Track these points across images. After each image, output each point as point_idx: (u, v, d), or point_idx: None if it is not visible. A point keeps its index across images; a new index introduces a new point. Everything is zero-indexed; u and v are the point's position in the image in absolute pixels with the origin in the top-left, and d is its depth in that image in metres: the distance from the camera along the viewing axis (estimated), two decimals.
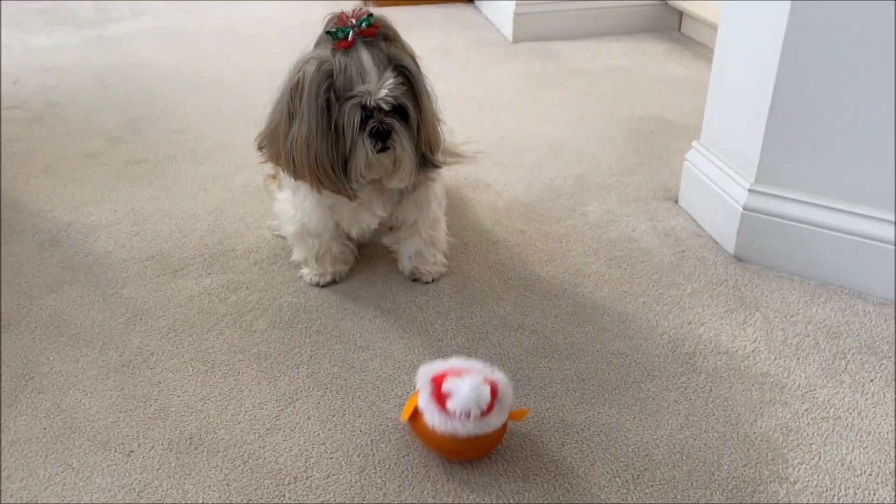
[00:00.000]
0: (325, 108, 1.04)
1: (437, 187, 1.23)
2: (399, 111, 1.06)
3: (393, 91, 1.04)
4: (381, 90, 1.03)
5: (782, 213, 1.23)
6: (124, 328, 1.17)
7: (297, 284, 1.27)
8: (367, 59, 1.03)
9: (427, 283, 1.26)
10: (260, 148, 1.16)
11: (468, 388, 0.87)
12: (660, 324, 1.16)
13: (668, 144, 1.71)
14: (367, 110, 1.04)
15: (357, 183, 1.09)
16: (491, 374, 0.91)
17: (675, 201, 1.48)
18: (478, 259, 1.32)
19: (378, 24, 1.06)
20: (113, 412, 1.02)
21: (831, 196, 1.20)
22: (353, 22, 1.05)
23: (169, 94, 2.03)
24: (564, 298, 1.22)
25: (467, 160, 1.61)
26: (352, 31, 1.04)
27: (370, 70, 1.03)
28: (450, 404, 0.88)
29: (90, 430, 0.99)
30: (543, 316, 1.18)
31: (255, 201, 1.51)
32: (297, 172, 1.09)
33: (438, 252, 1.27)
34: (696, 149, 1.41)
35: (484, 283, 1.26)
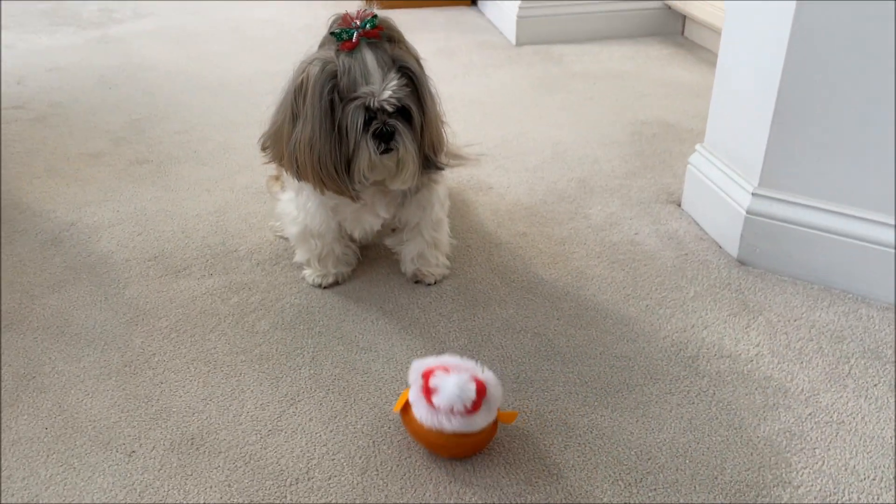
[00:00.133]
0: (328, 109, 1.04)
1: (441, 189, 1.22)
2: (403, 113, 1.06)
3: (396, 92, 1.04)
4: (385, 92, 1.03)
5: (786, 216, 1.23)
6: (126, 328, 1.17)
7: (300, 286, 1.27)
8: (370, 60, 1.03)
9: (429, 284, 1.26)
10: (263, 149, 1.16)
11: (453, 384, 0.89)
12: (663, 327, 1.16)
13: (671, 148, 1.70)
14: (371, 112, 1.04)
15: (360, 184, 1.09)
16: (480, 374, 0.92)
17: (678, 205, 1.48)
18: (480, 261, 1.32)
19: (382, 25, 1.06)
20: (114, 412, 1.02)
21: (835, 200, 1.19)
22: (358, 23, 1.05)
23: (172, 95, 2.04)
24: (567, 301, 1.22)
25: (470, 162, 1.61)
26: (356, 33, 1.04)
27: (374, 71, 1.03)
28: (435, 399, 0.90)
29: (91, 430, 0.99)
30: (546, 318, 1.18)
31: (258, 202, 1.51)
32: (300, 173, 1.09)
33: (441, 254, 1.27)
34: (700, 152, 1.41)
35: (486, 285, 1.26)
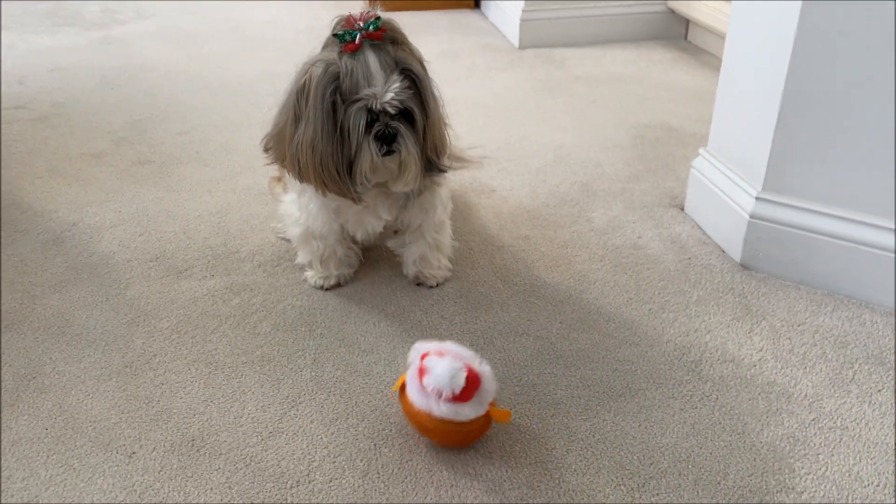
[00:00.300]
0: (330, 110, 1.03)
1: (443, 191, 1.22)
2: (405, 115, 1.06)
3: (399, 95, 1.03)
4: (387, 94, 1.03)
5: (789, 221, 1.23)
6: (127, 329, 1.17)
7: (301, 287, 1.26)
8: (373, 62, 1.03)
9: (432, 287, 1.26)
10: (266, 150, 1.16)
11: (443, 367, 0.89)
12: (665, 331, 1.16)
13: (673, 152, 1.70)
14: (373, 114, 1.04)
15: (362, 186, 1.09)
16: (477, 365, 0.92)
17: (681, 208, 1.47)
18: (483, 264, 1.32)
19: (385, 27, 1.06)
20: (115, 413, 1.02)
21: (839, 204, 1.19)
22: (361, 25, 1.04)
23: (174, 96, 2.04)
24: (569, 304, 1.21)
25: (473, 165, 1.61)
26: (359, 35, 1.04)
27: (376, 73, 1.03)
28: (425, 380, 0.91)
29: (92, 430, 0.99)
30: (548, 322, 1.18)
31: (260, 203, 1.50)
32: (302, 175, 1.09)
33: (443, 256, 1.26)
34: (703, 156, 1.41)
35: (489, 288, 1.26)
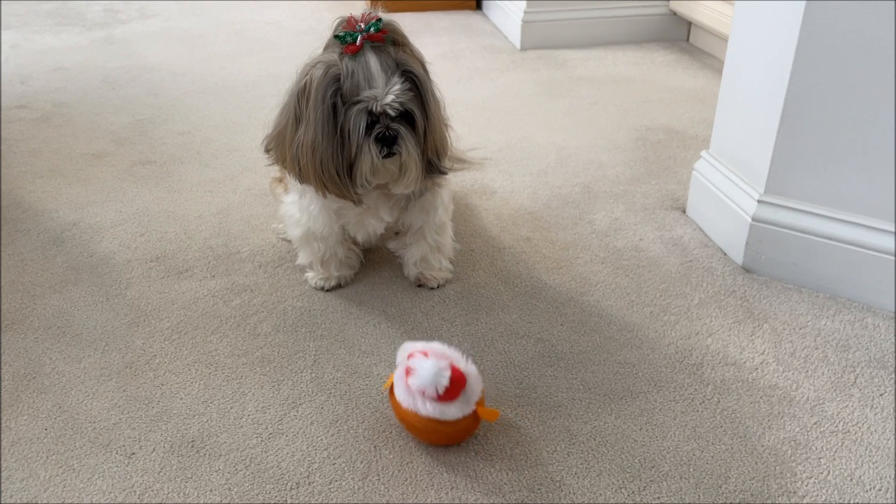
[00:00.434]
0: (331, 112, 1.03)
1: (444, 193, 1.22)
2: (406, 117, 1.06)
3: (400, 97, 1.03)
4: (388, 96, 1.02)
5: (791, 224, 1.22)
6: (127, 329, 1.17)
7: (302, 288, 1.26)
8: (374, 64, 1.03)
9: (432, 288, 1.25)
10: (267, 150, 1.16)
11: (427, 368, 0.90)
12: (667, 334, 1.15)
13: (675, 154, 1.70)
14: (374, 115, 1.04)
15: (363, 188, 1.09)
16: (463, 365, 0.93)
17: (683, 211, 1.47)
18: (484, 266, 1.31)
19: (387, 29, 1.05)
20: (115, 414, 1.01)
21: (842, 208, 1.19)
22: (362, 27, 1.04)
23: (176, 97, 2.04)
24: (571, 307, 1.21)
25: (474, 166, 1.60)
26: (360, 36, 1.03)
27: (377, 75, 1.03)
28: (410, 380, 0.91)
29: (91, 431, 0.99)
30: (549, 324, 1.17)
31: (261, 204, 1.50)
32: (302, 176, 1.09)
33: (444, 258, 1.26)
34: (705, 158, 1.41)
35: (490, 289, 1.25)
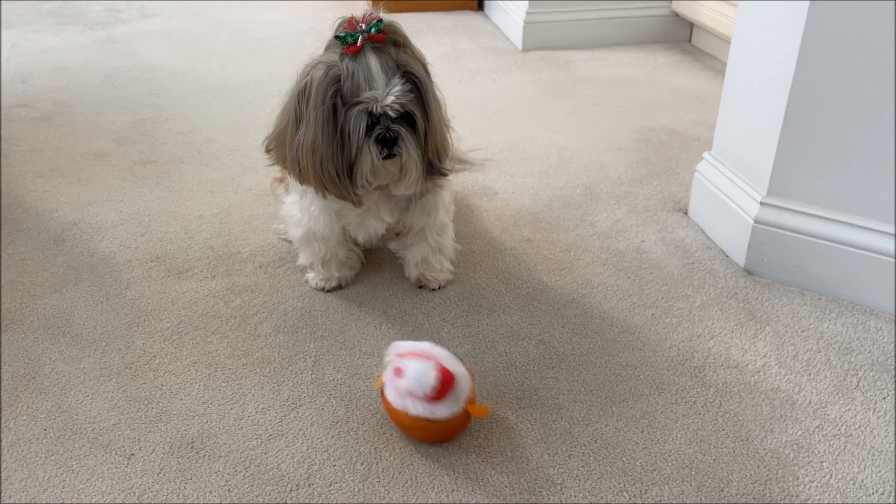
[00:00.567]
0: (331, 113, 1.03)
1: (446, 194, 1.22)
2: (407, 118, 1.05)
3: (400, 98, 1.03)
4: (388, 97, 1.02)
5: (794, 226, 1.22)
6: (127, 329, 1.16)
7: (303, 289, 1.26)
8: (374, 64, 1.02)
9: (433, 290, 1.25)
10: (267, 151, 1.15)
11: (415, 371, 0.91)
12: (668, 336, 1.15)
13: (677, 156, 1.69)
14: (374, 117, 1.03)
15: (363, 189, 1.08)
16: (452, 366, 0.93)
17: (685, 213, 1.47)
18: (485, 267, 1.31)
19: (388, 29, 1.05)
20: (114, 414, 1.01)
21: (844, 210, 1.18)
22: (363, 27, 1.04)
23: (177, 96, 2.03)
24: (572, 308, 1.21)
25: (475, 167, 1.60)
26: (361, 37, 1.03)
27: (378, 76, 1.02)
28: (399, 382, 0.93)
29: (91, 432, 0.98)
30: (551, 326, 1.17)
31: (262, 204, 1.50)
32: (302, 177, 1.08)
33: (445, 259, 1.26)
34: (708, 160, 1.40)
35: (491, 291, 1.25)
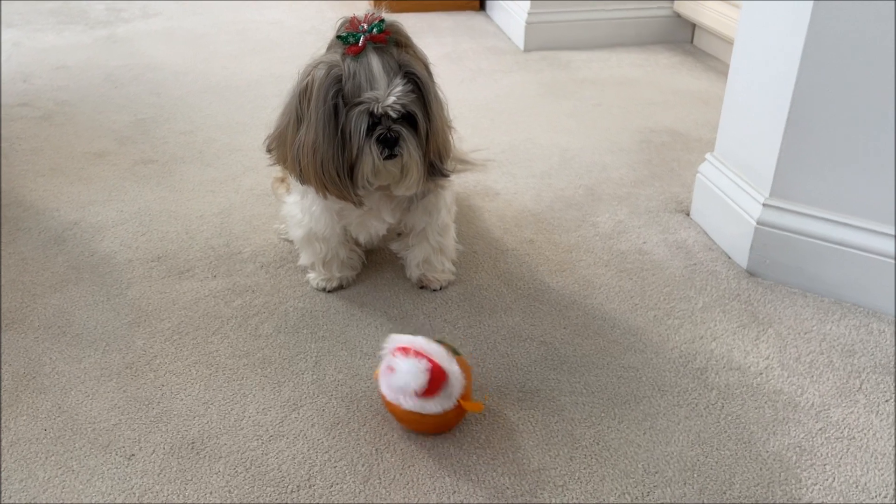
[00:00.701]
0: (332, 113, 1.02)
1: (447, 194, 1.21)
2: (408, 118, 1.05)
3: (401, 98, 1.02)
4: (390, 97, 1.02)
5: (797, 228, 1.22)
6: (128, 329, 1.16)
7: (304, 289, 1.25)
8: (376, 65, 1.02)
9: (435, 290, 1.25)
10: (268, 151, 1.15)
11: (405, 369, 0.92)
12: (671, 338, 1.15)
13: (679, 157, 1.69)
14: (375, 117, 1.03)
15: (364, 189, 1.08)
16: (446, 364, 0.93)
17: (687, 214, 1.46)
18: (486, 268, 1.31)
19: (390, 29, 1.04)
20: (114, 415, 1.01)
21: (847, 212, 1.18)
22: (365, 27, 1.03)
23: (178, 96, 2.03)
24: (574, 310, 1.20)
25: (477, 168, 1.60)
26: (362, 37, 1.02)
27: (379, 76, 1.02)
28: (390, 379, 0.94)
29: (91, 432, 0.98)
30: (552, 327, 1.17)
31: (263, 204, 1.50)
32: (303, 177, 1.08)
33: (447, 259, 1.26)
34: (710, 161, 1.40)
35: (492, 292, 1.25)
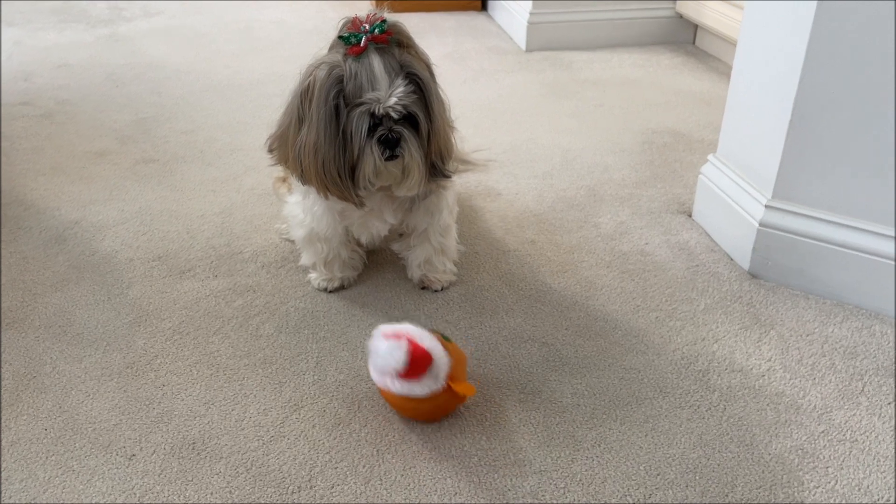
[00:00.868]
0: (333, 114, 1.02)
1: (449, 195, 1.21)
2: (410, 119, 1.05)
3: (402, 99, 1.02)
4: (391, 98, 1.01)
5: (799, 230, 1.21)
6: (129, 329, 1.16)
7: (305, 289, 1.25)
8: (377, 65, 1.01)
9: (436, 291, 1.24)
10: (270, 151, 1.15)
11: (382, 349, 0.93)
12: (673, 339, 1.14)
13: (681, 158, 1.69)
14: (377, 117, 1.02)
15: (365, 190, 1.08)
16: (429, 344, 0.94)
17: (689, 215, 1.46)
18: (488, 268, 1.30)
19: (391, 30, 1.04)
20: (115, 415, 1.01)
21: (850, 214, 1.18)
22: (367, 27, 1.03)
23: (180, 95, 2.03)
24: (575, 311, 1.20)
25: (478, 168, 1.59)
26: (364, 37, 1.02)
27: (381, 77, 1.01)
28: (371, 362, 0.95)
29: (92, 432, 0.98)
30: (554, 328, 1.16)
31: (264, 204, 1.49)
32: (304, 177, 1.08)
33: (448, 260, 1.25)
34: (712, 162, 1.40)
35: (494, 293, 1.24)
